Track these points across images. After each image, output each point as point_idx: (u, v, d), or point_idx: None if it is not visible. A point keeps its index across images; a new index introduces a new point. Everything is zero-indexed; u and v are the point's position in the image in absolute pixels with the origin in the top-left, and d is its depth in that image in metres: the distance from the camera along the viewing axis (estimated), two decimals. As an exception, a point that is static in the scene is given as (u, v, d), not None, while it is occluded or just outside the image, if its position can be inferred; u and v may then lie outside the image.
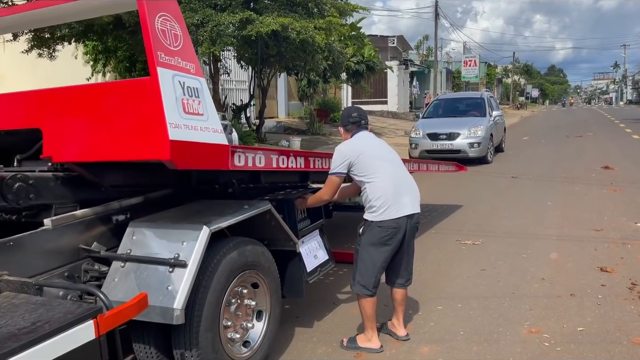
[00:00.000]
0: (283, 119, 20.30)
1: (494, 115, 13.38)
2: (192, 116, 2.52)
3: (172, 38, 2.50)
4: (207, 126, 2.62)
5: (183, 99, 2.48)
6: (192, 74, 2.59)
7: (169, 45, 2.47)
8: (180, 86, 2.49)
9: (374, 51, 17.42)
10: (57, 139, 2.67)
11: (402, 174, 3.43)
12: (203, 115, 2.61)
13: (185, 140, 2.43)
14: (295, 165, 3.59)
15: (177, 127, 2.40)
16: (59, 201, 2.83)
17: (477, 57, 38.12)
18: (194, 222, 2.74)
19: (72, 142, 2.65)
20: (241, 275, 2.97)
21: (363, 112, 3.58)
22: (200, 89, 2.62)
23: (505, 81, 66.31)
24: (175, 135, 2.37)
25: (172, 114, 2.38)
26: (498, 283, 4.55)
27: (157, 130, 2.37)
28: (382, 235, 3.25)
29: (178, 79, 2.48)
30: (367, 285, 3.32)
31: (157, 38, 2.41)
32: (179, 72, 2.50)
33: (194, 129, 2.51)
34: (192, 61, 2.60)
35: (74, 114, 2.66)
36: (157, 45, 2.40)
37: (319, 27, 11.18)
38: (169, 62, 2.45)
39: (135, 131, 2.47)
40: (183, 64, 2.53)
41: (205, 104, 2.63)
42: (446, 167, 7.10)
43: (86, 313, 1.97)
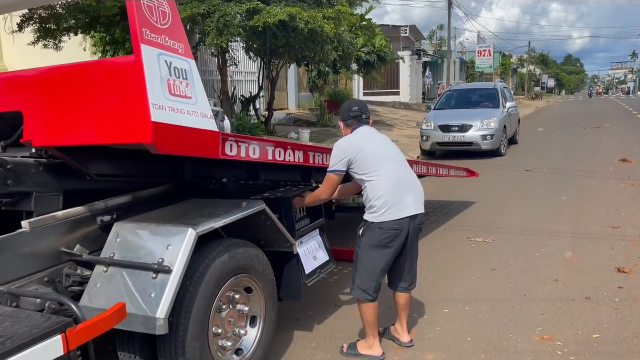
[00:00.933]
0: (293, 111, 20.10)
1: (507, 106, 13.05)
2: (179, 98, 2.38)
3: (160, 15, 2.37)
4: (195, 110, 2.47)
5: (169, 80, 2.33)
6: (180, 54, 2.44)
7: (155, 22, 2.33)
8: (167, 66, 2.34)
9: (385, 41, 17.10)
10: (37, 122, 2.53)
11: (405, 172, 3.23)
12: (191, 98, 2.46)
13: (169, 123, 2.27)
14: (293, 159, 3.38)
15: (161, 108, 2.25)
16: (39, 189, 2.65)
17: (491, 47, 37.48)
18: (180, 224, 2.57)
19: (52, 125, 2.51)
20: (233, 280, 2.80)
21: (364, 106, 3.38)
22: (189, 71, 2.47)
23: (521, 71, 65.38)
24: (158, 117, 2.22)
25: (155, 95, 2.23)
26: (508, 284, 4.34)
27: (139, 111, 2.22)
28: (383, 237, 3.06)
29: (164, 58, 2.34)
30: (368, 290, 3.14)
31: (142, 14, 2.27)
32: (165, 51, 2.35)
33: (179, 112, 2.37)
34: (181, 41, 2.46)
35: (54, 95, 2.52)
36: (142, 21, 2.26)
37: (328, 16, 10.94)
38: (154, 40, 2.30)
39: (116, 113, 2.32)
40: (170, 43, 2.39)
41: (194, 86, 2.48)
42: (456, 171, 6.73)
43: (54, 327, 1.83)
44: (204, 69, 15.54)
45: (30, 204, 2.61)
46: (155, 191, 3.16)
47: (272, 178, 3.89)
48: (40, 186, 2.65)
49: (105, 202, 2.85)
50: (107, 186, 2.96)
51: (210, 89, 15.46)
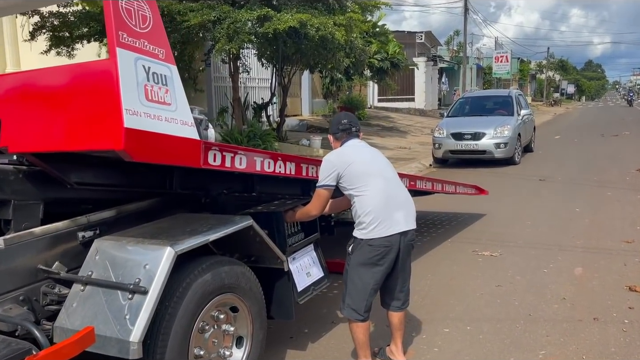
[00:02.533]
0: (306, 117, 20.03)
1: (522, 114, 12.81)
2: (156, 104, 2.31)
3: (139, 19, 2.31)
4: (174, 117, 2.40)
5: (146, 85, 2.27)
6: (160, 59, 2.38)
7: (134, 26, 2.28)
8: (144, 71, 2.28)
9: (399, 48, 16.94)
10: (13, 128, 2.47)
11: (396, 187, 3.10)
12: (170, 105, 2.40)
13: (143, 130, 2.20)
14: (284, 170, 3.27)
15: (135, 114, 2.18)
16: (18, 197, 2.57)
17: (508, 53, 37.06)
18: (159, 243, 2.47)
19: (27, 131, 2.45)
20: (217, 299, 2.69)
21: (354, 119, 3.27)
22: (169, 77, 2.41)
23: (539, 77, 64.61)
24: (132, 123, 2.15)
25: (130, 100, 2.16)
26: (513, 302, 4.17)
27: (111, 117, 2.15)
28: (373, 254, 2.94)
29: (142, 63, 2.28)
30: (358, 309, 3.01)
31: (119, 17, 2.21)
32: (143, 55, 2.29)
33: (157, 119, 2.30)
34: (162, 46, 2.41)
35: (30, 100, 2.48)
36: (119, 24, 2.20)
37: (339, 23, 10.85)
38: (131, 44, 2.24)
39: (89, 118, 2.26)
40: (150, 47, 2.33)
41: (174, 93, 2.42)
42: (464, 189, 6.49)
43: (11, 355, 1.74)
44: (217, 76, 15.57)
45: (8, 212, 2.54)
46: (142, 205, 3.08)
47: (269, 191, 3.79)
48: (17, 194, 2.57)
49: (88, 217, 2.77)
50: (91, 196, 2.89)
51: (222, 95, 15.48)
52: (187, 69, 14.15)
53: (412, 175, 6.84)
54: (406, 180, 5.24)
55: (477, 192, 6.88)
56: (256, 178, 3.56)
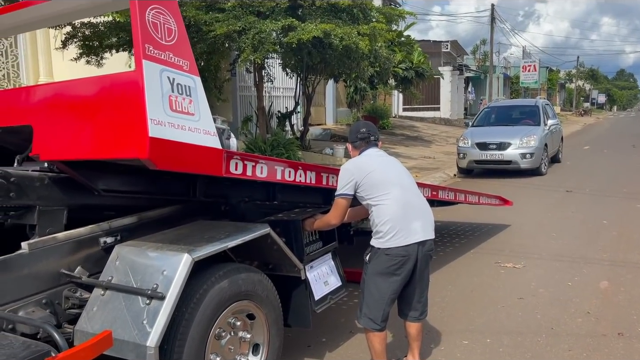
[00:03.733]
0: (330, 126, 20.08)
1: (549, 124, 12.62)
2: (180, 115, 2.38)
3: (165, 32, 2.38)
4: (197, 127, 2.46)
5: (171, 96, 2.34)
6: (185, 71, 2.45)
7: (159, 39, 2.35)
8: (169, 82, 2.35)
9: (424, 57, 16.88)
10: (44, 136, 2.56)
11: (414, 197, 3.09)
12: (194, 115, 2.46)
13: (168, 139, 2.26)
14: (305, 179, 3.31)
15: (160, 124, 2.24)
16: (43, 202, 2.63)
17: (536, 62, 36.57)
18: (177, 249, 2.51)
19: (57, 140, 2.54)
20: (233, 306, 2.72)
21: (373, 128, 3.28)
22: (193, 88, 2.48)
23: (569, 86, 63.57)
24: (157, 132, 2.21)
25: (155, 110, 2.23)
26: (536, 315, 4.10)
27: (137, 127, 2.21)
28: (390, 264, 2.93)
29: (167, 75, 2.35)
30: (375, 319, 3.00)
31: (145, 30, 2.28)
32: (169, 67, 2.36)
33: (180, 128, 2.36)
34: (187, 58, 2.48)
35: (60, 110, 2.57)
36: (145, 37, 2.27)
37: (363, 33, 10.88)
38: (157, 56, 2.32)
39: (116, 128, 2.33)
40: (175, 59, 2.40)
41: (197, 103, 2.48)
42: (488, 199, 6.38)
43: (30, 357, 1.78)
44: (242, 85, 15.74)
45: (33, 217, 2.61)
46: (162, 212, 3.13)
47: (290, 200, 3.81)
48: (43, 199, 2.63)
49: (110, 223, 2.83)
50: (114, 202, 2.95)
51: (247, 104, 15.64)
52: (213, 79, 14.36)
53: (434, 185, 6.79)
54: (428, 190, 5.21)
55: (501, 203, 6.79)
56: (278, 187, 3.59)
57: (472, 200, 6.02)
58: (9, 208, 2.59)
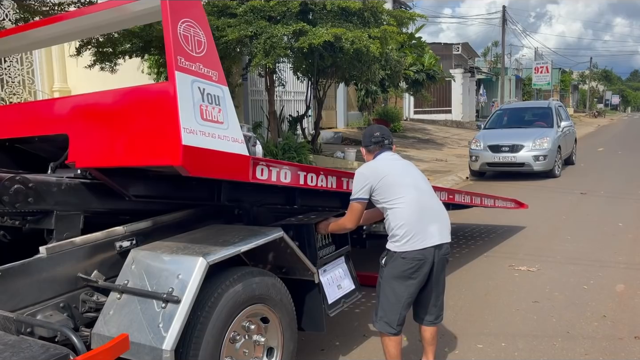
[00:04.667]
0: (341, 129, 20.08)
1: (562, 125, 12.52)
2: (210, 123, 2.47)
3: (195, 44, 2.47)
4: (226, 135, 2.56)
5: (201, 105, 2.43)
6: (214, 81, 2.54)
7: (190, 50, 2.44)
8: (200, 92, 2.44)
9: (435, 59, 16.85)
10: (80, 145, 2.66)
11: (429, 200, 3.08)
12: (223, 123, 2.55)
13: (200, 147, 2.35)
14: (326, 184, 3.36)
15: (192, 132, 2.34)
16: (60, 207, 2.67)
17: (549, 63, 36.34)
18: (192, 253, 2.53)
19: (93, 148, 2.64)
20: (247, 310, 2.73)
21: (387, 132, 3.28)
22: (222, 97, 2.57)
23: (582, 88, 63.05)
24: (189, 140, 2.30)
25: (187, 119, 2.33)
26: (551, 319, 4.07)
27: (171, 135, 2.31)
28: (406, 267, 2.93)
29: (198, 85, 2.44)
30: (391, 323, 3.00)
31: (177, 43, 2.37)
32: (199, 78, 2.46)
33: (211, 136, 2.45)
34: (216, 69, 2.57)
35: (96, 119, 2.68)
36: (178, 49, 2.37)
37: (374, 36, 10.89)
38: (188, 68, 2.41)
39: (150, 136, 2.42)
40: (205, 70, 2.50)
41: (226, 112, 2.58)
42: (503, 202, 6.43)
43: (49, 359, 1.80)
44: (254, 90, 15.80)
45: (50, 222, 2.64)
46: (177, 216, 3.15)
47: (310, 204, 3.84)
48: (60, 205, 2.67)
49: (125, 227, 2.86)
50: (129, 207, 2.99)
51: (258, 109, 15.70)
52: (225, 84, 14.40)
53: (451, 189, 6.78)
54: (444, 194, 5.21)
55: (516, 206, 6.77)
56: (298, 191, 3.64)
57: (488, 204, 6.02)
58: (28, 213, 2.63)
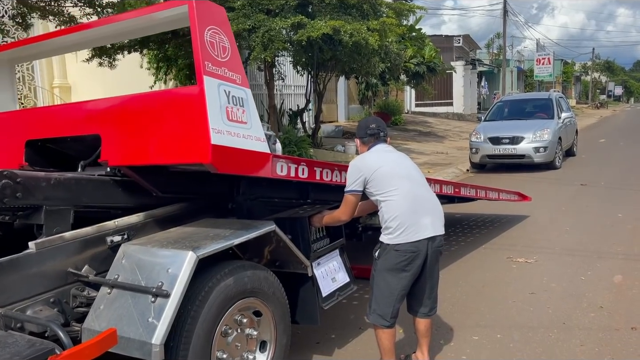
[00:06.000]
0: (342, 123, 20.04)
1: (563, 117, 12.46)
2: (236, 124, 2.64)
3: (220, 50, 2.62)
4: (250, 134, 2.72)
5: (227, 107, 2.59)
6: (238, 84, 2.70)
7: (216, 56, 2.59)
8: (226, 95, 2.60)
9: (435, 52, 16.76)
10: (112, 145, 2.84)
11: (423, 192, 3.07)
12: (247, 123, 2.72)
13: (227, 146, 2.53)
14: (340, 179, 3.45)
15: (220, 132, 2.51)
16: (50, 203, 2.66)
17: (550, 55, 36.15)
18: (182, 247, 2.52)
19: (125, 147, 2.82)
20: (239, 303, 2.73)
21: (382, 124, 3.26)
22: (245, 99, 2.73)
23: (584, 79, 62.77)
24: (218, 140, 2.48)
25: (215, 120, 2.50)
26: (547, 310, 4.05)
27: (200, 135, 2.48)
28: (400, 260, 2.91)
29: (224, 88, 2.60)
30: (384, 315, 2.99)
31: (205, 49, 2.52)
32: (225, 81, 2.61)
33: (236, 136, 2.62)
34: (239, 72, 2.72)
35: (128, 121, 2.84)
36: (205, 55, 2.52)
37: (373, 28, 10.84)
38: (215, 72, 2.56)
39: (180, 136, 2.59)
40: (230, 74, 2.65)
41: (249, 113, 2.74)
42: (507, 195, 6.47)
43: (34, 355, 1.80)
44: (253, 84, 15.74)
45: (40, 217, 2.64)
46: (169, 210, 3.14)
47: (321, 198, 3.88)
48: (49, 200, 2.66)
49: (116, 222, 2.85)
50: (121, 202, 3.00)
51: (258, 103, 15.65)
52: (224, 78, 14.36)
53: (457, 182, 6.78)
54: (450, 187, 5.22)
55: (520, 199, 6.78)
56: (311, 186, 3.72)
57: (492, 197, 6.05)
58: (17, 208, 2.62)
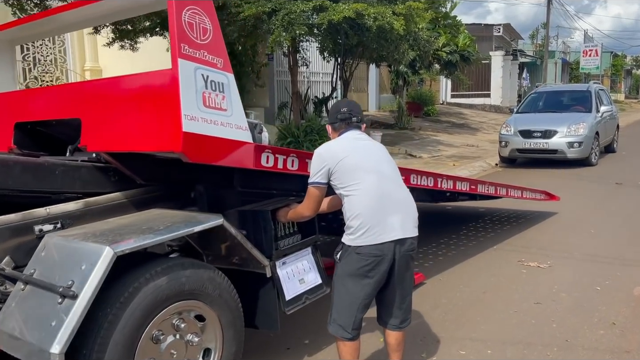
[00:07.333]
0: (373, 113, 19.56)
1: (602, 110, 11.66)
2: (214, 110, 2.52)
3: (200, 31, 2.49)
4: (229, 122, 2.59)
5: (204, 92, 2.47)
6: (218, 68, 2.57)
7: (195, 38, 2.46)
8: (203, 79, 2.48)
9: (470, 40, 15.99)
10: (91, 129, 2.75)
11: (393, 187, 2.66)
12: (227, 110, 2.59)
13: (201, 134, 2.41)
14: None
15: (194, 119, 2.40)
16: None
17: (598, 46, 34.43)
18: (101, 241, 2.21)
19: (103, 132, 2.72)
20: (175, 307, 2.41)
21: (355, 108, 2.86)
22: (226, 84, 2.60)
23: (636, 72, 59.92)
24: (190, 127, 2.37)
25: (189, 106, 2.38)
26: (551, 324, 3.60)
27: (172, 122, 2.38)
28: (361, 264, 2.53)
29: (201, 72, 2.47)
30: (345, 326, 2.62)
31: (182, 30, 2.40)
32: (203, 65, 2.49)
33: (213, 123, 2.50)
34: (221, 56, 2.59)
35: (106, 105, 2.74)
36: (182, 37, 2.39)
37: (398, 12, 10.34)
38: (192, 55, 2.44)
39: (154, 122, 2.50)
40: (209, 57, 2.52)
41: (230, 99, 2.61)
42: (532, 194, 5.99)
43: None
44: (280, 70, 15.44)
45: None
46: (114, 197, 2.84)
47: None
48: None
49: (48, 209, 2.57)
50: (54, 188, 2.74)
51: (284, 90, 15.35)
52: (251, 64, 14.15)
53: (473, 179, 6.33)
54: (466, 184, 4.82)
55: (546, 198, 6.31)
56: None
57: (515, 195, 5.63)
58: None
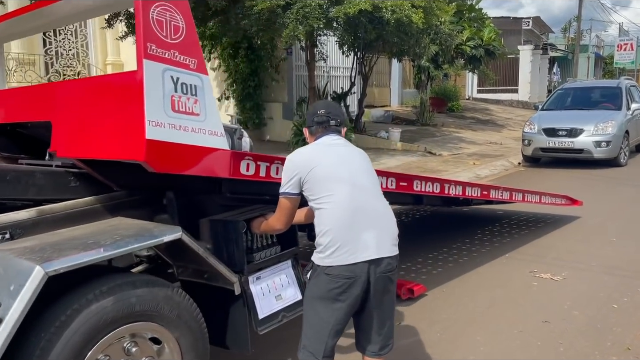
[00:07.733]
0: (395, 108, 19.16)
1: (633, 108, 11.07)
2: (184, 115, 2.34)
3: (171, 30, 2.32)
4: (202, 127, 2.42)
5: (173, 96, 2.30)
6: (191, 69, 2.39)
7: (164, 37, 2.29)
8: (172, 82, 2.30)
9: (495, 34, 15.42)
10: (61, 133, 2.61)
11: (368, 202, 2.37)
12: (199, 115, 2.41)
13: (167, 141, 2.25)
14: None
15: (159, 125, 2.23)
16: None
17: (634, 40, 33.15)
18: (34, 259, 1.99)
19: (70, 137, 2.59)
20: (124, 329, 2.18)
21: (335, 110, 2.58)
22: (199, 87, 2.42)
23: (675, 68, 57.68)
24: (155, 134, 2.20)
25: (154, 112, 2.21)
26: (558, 347, 3.27)
27: (135, 128, 2.21)
28: (331, 286, 2.26)
29: (170, 74, 2.30)
30: (316, 353, 2.35)
31: (149, 28, 2.22)
32: (172, 66, 2.31)
33: (183, 129, 2.33)
34: (195, 56, 2.41)
35: (74, 108, 2.61)
36: (149, 36, 2.22)
37: (417, 5, 9.98)
38: (160, 55, 2.27)
39: (117, 128, 2.34)
40: (180, 58, 2.35)
41: (204, 103, 2.43)
42: (551, 199, 5.64)
43: None
44: (299, 64, 15.19)
45: None
46: (71, 205, 2.62)
47: None
48: None
49: (-6, 218, 2.38)
50: None
51: (302, 85, 15.10)
52: (269, 58, 13.95)
53: (485, 184, 5.97)
54: (477, 190, 4.50)
55: (568, 203, 5.95)
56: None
57: (532, 200, 5.33)
58: None
